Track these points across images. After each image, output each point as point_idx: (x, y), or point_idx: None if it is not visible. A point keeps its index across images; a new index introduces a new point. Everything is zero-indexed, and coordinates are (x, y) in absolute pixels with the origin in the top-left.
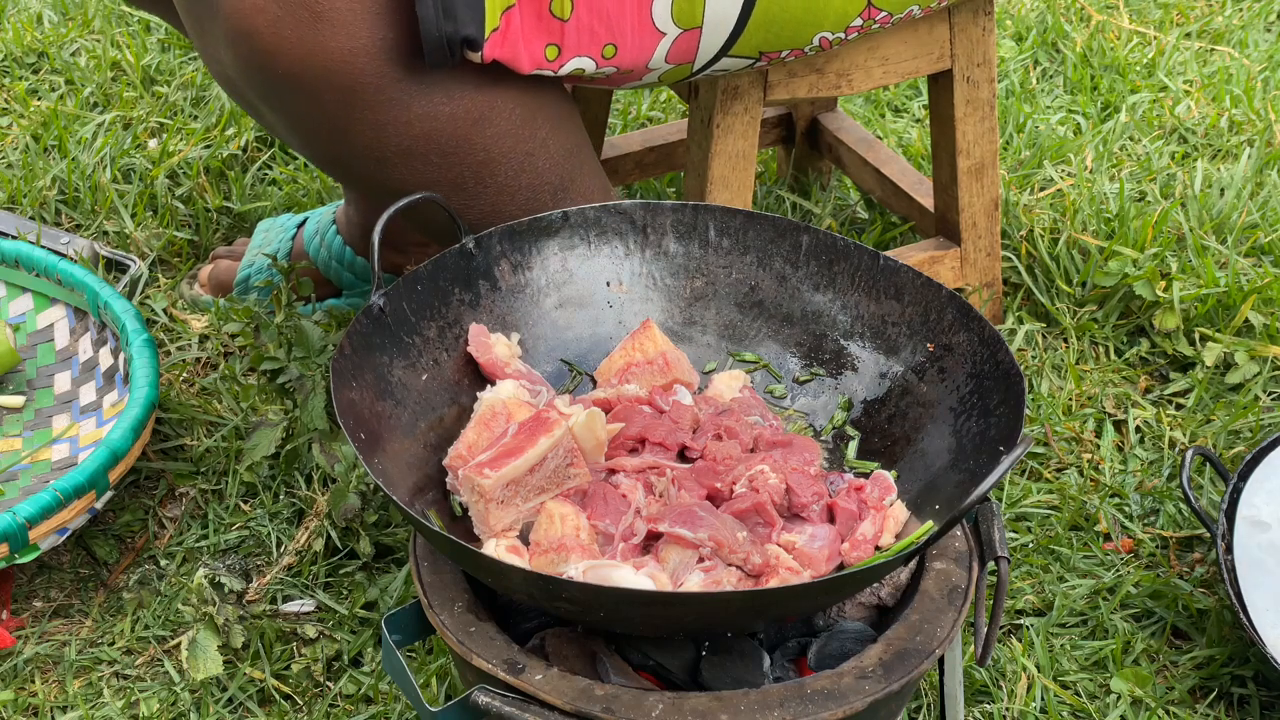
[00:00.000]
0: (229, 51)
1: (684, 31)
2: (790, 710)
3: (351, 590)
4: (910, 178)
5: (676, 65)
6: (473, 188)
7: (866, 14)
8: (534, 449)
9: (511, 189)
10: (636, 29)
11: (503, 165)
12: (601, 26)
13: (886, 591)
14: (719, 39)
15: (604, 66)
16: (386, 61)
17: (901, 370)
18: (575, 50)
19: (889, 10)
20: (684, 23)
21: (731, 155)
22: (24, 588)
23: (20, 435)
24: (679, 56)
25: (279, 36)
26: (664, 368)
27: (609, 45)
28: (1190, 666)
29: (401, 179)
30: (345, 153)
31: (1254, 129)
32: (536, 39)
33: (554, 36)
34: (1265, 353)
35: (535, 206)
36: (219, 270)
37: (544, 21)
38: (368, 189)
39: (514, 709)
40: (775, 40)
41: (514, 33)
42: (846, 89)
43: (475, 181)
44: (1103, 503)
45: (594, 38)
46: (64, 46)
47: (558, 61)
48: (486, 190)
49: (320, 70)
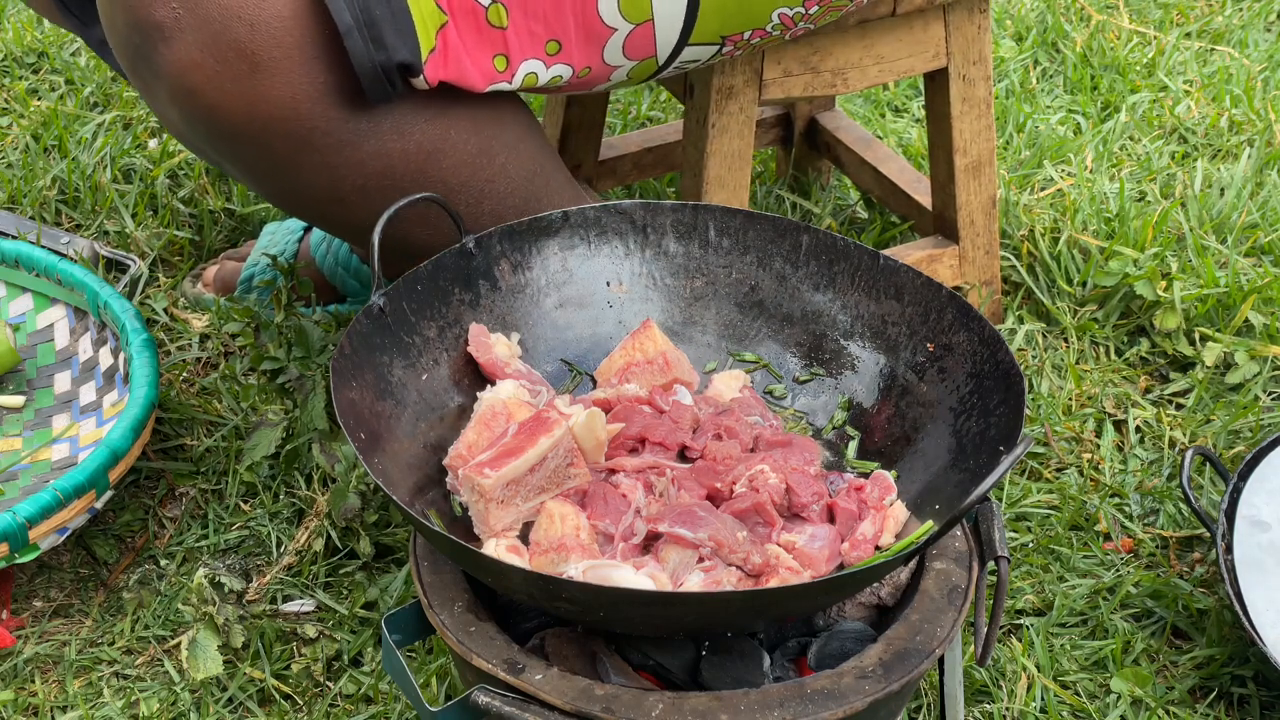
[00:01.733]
0: (174, 109)
1: (636, 26)
2: (790, 710)
3: (351, 590)
4: (909, 177)
5: (641, 60)
6: (434, 220)
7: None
8: (534, 449)
9: (474, 216)
10: (580, 24)
11: (463, 195)
12: (540, 25)
13: (886, 591)
14: (674, 28)
15: (554, 65)
16: (330, 104)
17: (901, 370)
18: (521, 54)
19: None
20: (633, 17)
21: (727, 155)
22: (24, 587)
23: (20, 435)
24: (638, 51)
25: (220, 91)
26: (664, 368)
27: (551, 42)
28: (1190, 666)
29: (363, 217)
30: (302, 196)
31: (1254, 129)
32: (481, 52)
33: (497, 46)
34: (1265, 353)
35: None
36: (224, 270)
37: (484, 33)
38: (333, 229)
39: (514, 709)
40: (733, 22)
41: (455, 50)
42: (842, 88)
43: (437, 215)
44: (1103, 503)
45: (534, 38)
46: (64, 46)
47: (508, 71)
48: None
49: (265, 120)
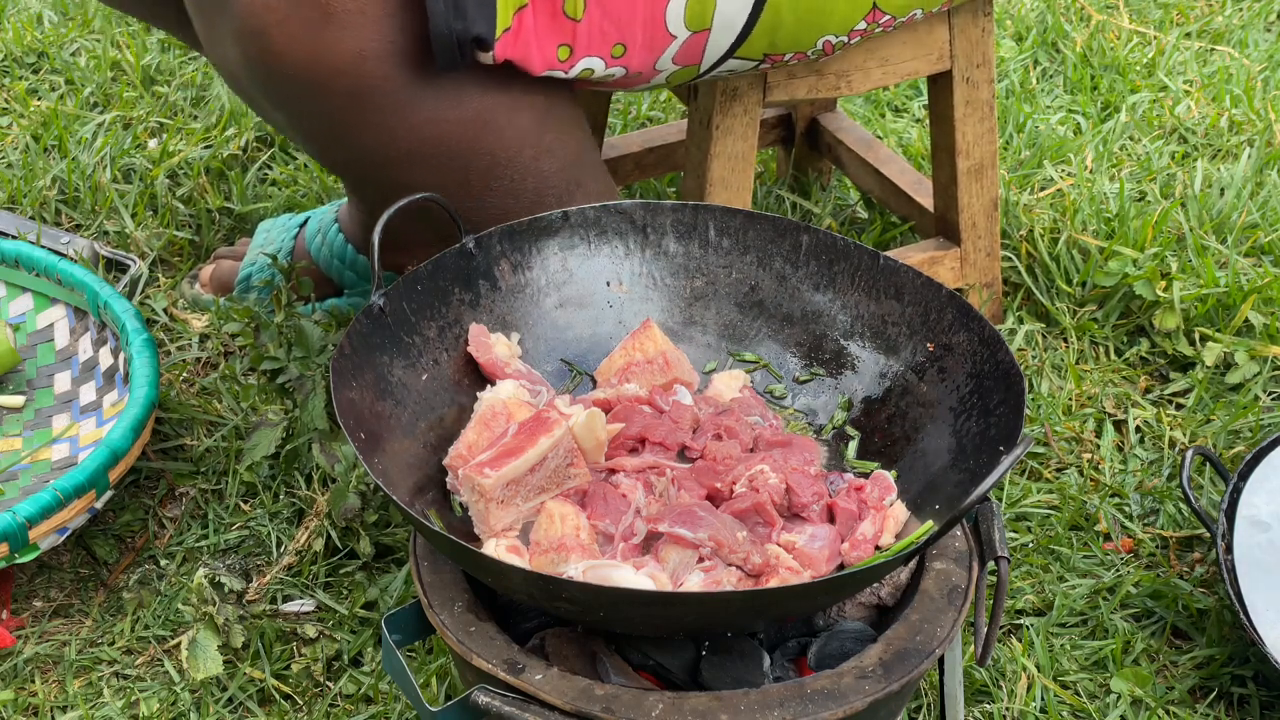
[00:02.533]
0: (236, 49)
1: (693, 34)
2: (790, 710)
3: (351, 590)
4: (910, 178)
5: (683, 67)
6: (478, 191)
7: (871, 17)
8: (534, 449)
9: (517, 192)
10: (647, 31)
11: (509, 170)
12: (612, 27)
13: (886, 591)
14: (726, 41)
15: (612, 67)
16: (395, 64)
17: (901, 370)
18: (586, 50)
19: (892, 14)
20: (694, 25)
21: (731, 156)
22: (24, 587)
23: (20, 435)
24: (686, 59)
25: (288, 36)
26: (664, 367)
27: (618, 45)
28: (1190, 666)
29: (408, 181)
30: (351, 154)
31: (1254, 129)
32: (549, 39)
33: (566, 37)
34: (1265, 353)
35: (540, 210)
36: (221, 270)
37: (557, 21)
38: (372, 190)
39: (514, 709)
40: (780, 43)
41: (526, 32)
42: (846, 90)
43: (481, 185)
44: (1103, 503)
45: (604, 38)
46: (64, 46)
47: (568, 62)
48: (492, 194)
49: (328, 72)
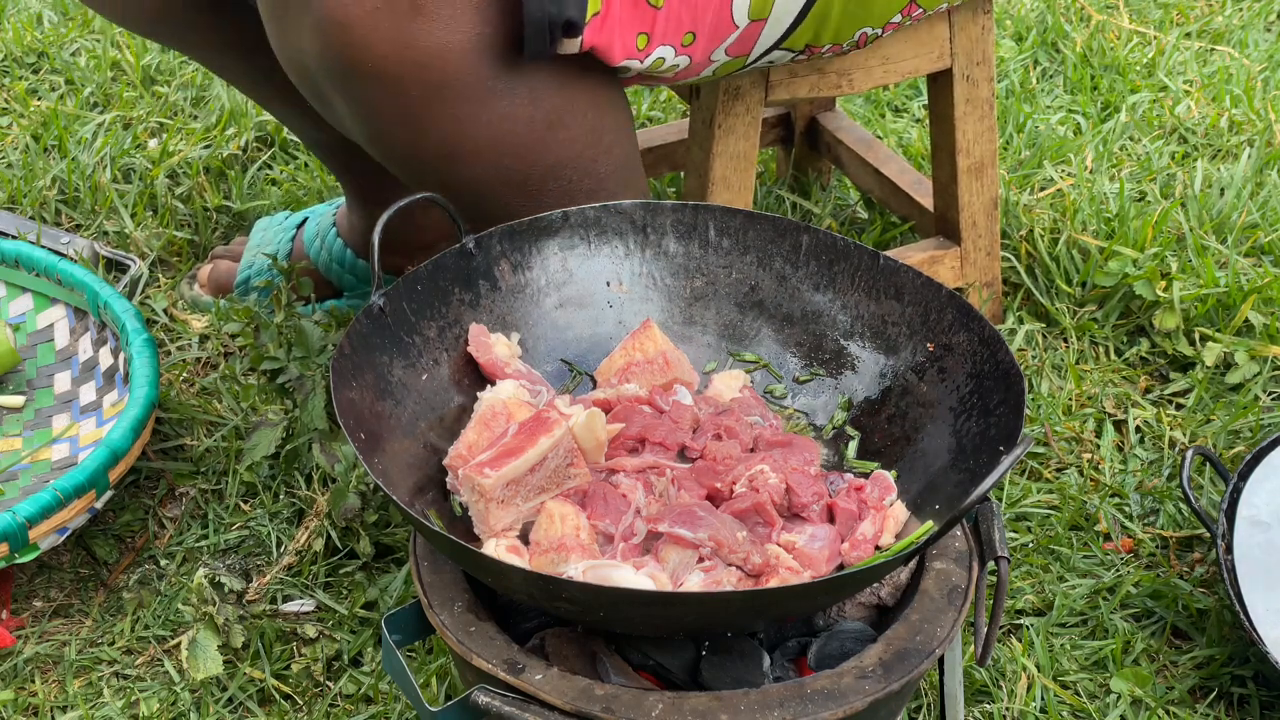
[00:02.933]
0: (315, 39)
1: (751, 23)
2: (790, 710)
3: (351, 590)
4: (909, 177)
5: (733, 58)
6: (535, 190)
7: (907, 10)
8: (534, 449)
9: (572, 193)
10: (716, 20)
11: (569, 170)
12: (688, 14)
13: (886, 591)
14: (778, 32)
15: (680, 55)
16: (478, 58)
17: (901, 370)
18: (662, 39)
19: (925, 7)
20: (755, 15)
21: (733, 155)
22: (24, 587)
23: (20, 435)
24: (739, 49)
25: (374, 28)
26: (664, 367)
27: (689, 33)
28: (1190, 666)
29: (470, 177)
30: (417, 148)
31: (1254, 129)
32: (630, 26)
33: (646, 24)
34: (1265, 353)
35: None
36: (218, 270)
37: (640, 8)
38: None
39: (514, 709)
40: (824, 34)
41: (613, 18)
42: (847, 89)
43: (539, 183)
44: (1103, 503)
45: (679, 25)
46: (64, 46)
47: (645, 51)
48: (549, 194)
49: (411, 64)
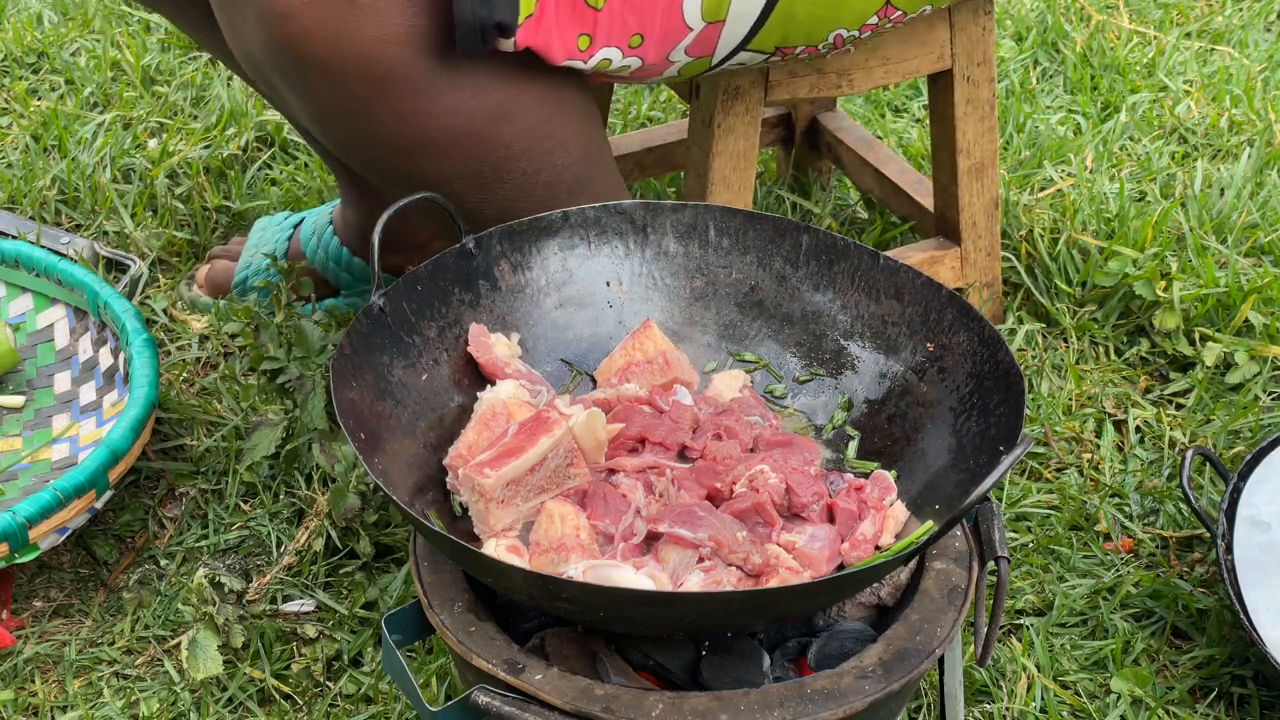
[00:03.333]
0: (259, 32)
1: (708, 25)
2: (790, 710)
3: (351, 590)
4: (910, 177)
5: (695, 59)
6: (490, 183)
7: (884, 12)
8: (534, 449)
9: (529, 186)
10: (665, 21)
11: (522, 162)
12: (633, 16)
13: (886, 591)
14: (740, 33)
15: (629, 57)
16: (417, 51)
17: (901, 370)
18: (606, 40)
19: (904, 9)
20: (710, 17)
21: (732, 155)
22: (24, 587)
23: (20, 435)
24: (699, 50)
25: (312, 19)
26: (664, 367)
27: (636, 35)
28: (1190, 666)
29: (421, 170)
30: (366, 141)
31: (1254, 129)
32: (570, 27)
33: (587, 26)
34: (1265, 353)
35: (550, 204)
36: (216, 271)
37: (578, 10)
38: (384, 179)
39: (514, 709)
40: (793, 35)
41: (548, 20)
42: (847, 89)
43: (493, 176)
44: (1103, 503)
45: (624, 28)
46: (64, 46)
47: (588, 52)
48: (504, 186)
49: (350, 56)
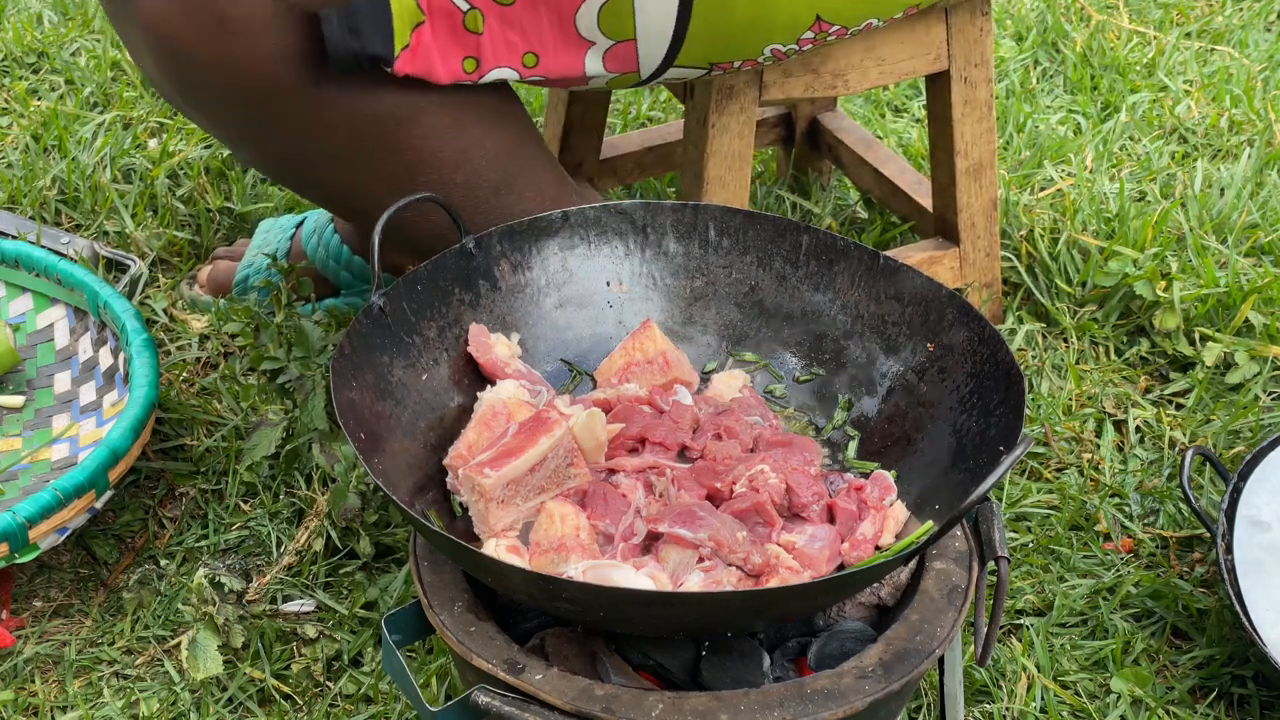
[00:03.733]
0: (149, 57)
1: (617, 42)
2: (790, 710)
3: (351, 590)
4: (909, 178)
5: (619, 74)
6: (405, 186)
7: (817, 27)
8: (534, 449)
9: (447, 186)
10: (558, 38)
11: (434, 164)
12: (519, 38)
13: (886, 591)
14: (659, 51)
15: (530, 75)
16: (298, 67)
17: (901, 370)
18: (494, 62)
19: (842, 23)
20: (614, 34)
21: (727, 155)
22: (24, 587)
23: (20, 435)
24: (620, 65)
25: (189, 43)
26: (664, 367)
27: (529, 54)
28: (1190, 666)
29: (331, 179)
30: (271, 156)
31: (1254, 129)
32: (452, 52)
33: (470, 49)
34: (1265, 353)
35: (474, 203)
36: (218, 271)
37: (459, 36)
38: (305, 190)
39: (514, 709)
40: (723, 51)
41: (426, 48)
42: (842, 89)
43: (407, 180)
44: (1103, 503)
45: (511, 49)
46: (64, 46)
47: (476, 73)
48: (420, 188)
49: (233, 77)
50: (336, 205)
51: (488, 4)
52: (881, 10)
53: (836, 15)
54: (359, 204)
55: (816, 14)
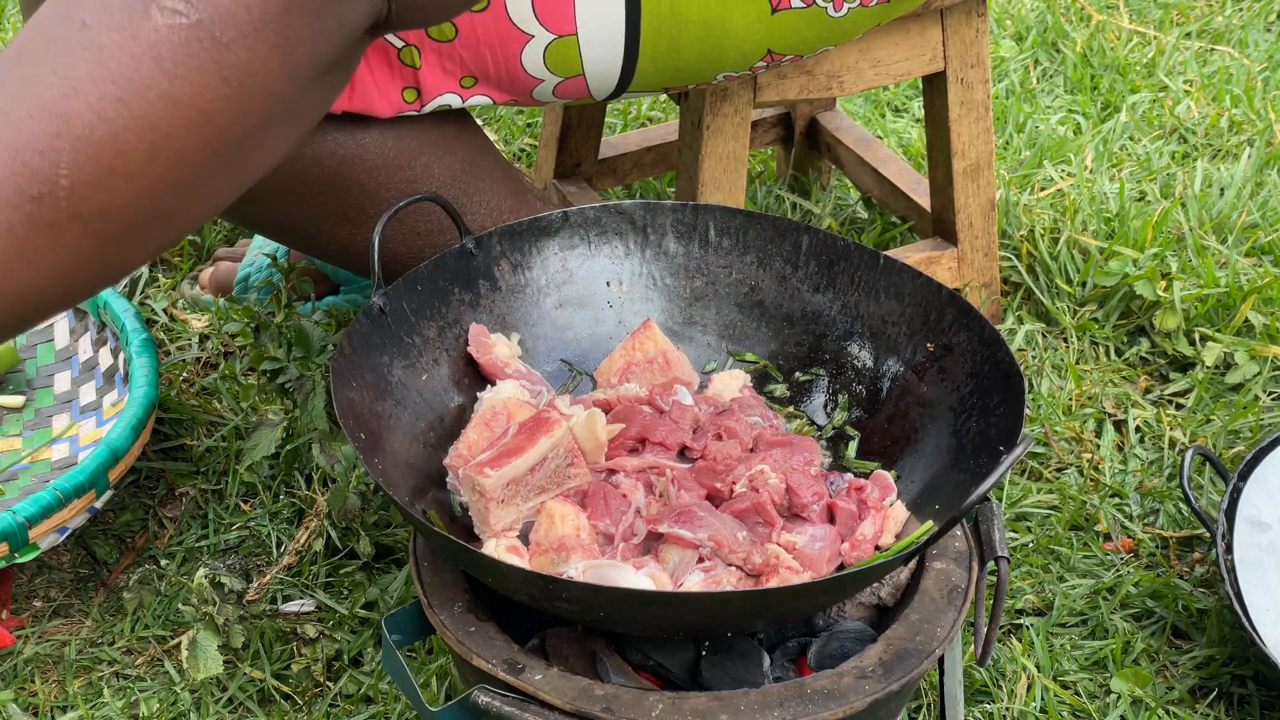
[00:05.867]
0: None
1: (566, 79)
2: (790, 710)
3: (351, 590)
4: (909, 178)
5: (574, 99)
6: (355, 218)
7: (769, 58)
8: (534, 449)
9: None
10: (500, 70)
11: (383, 194)
12: (455, 66)
13: (886, 591)
14: (608, 83)
15: (471, 96)
16: None
17: (901, 370)
18: (435, 90)
19: (795, 54)
20: (561, 71)
21: (723, 156)
22: (24, 587)
23: (20, 435)
24: (572, 93)
25: None
26: (664, 367)
27: (466, 77)
28: (1190, 666)
29: (283, 216)
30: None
31: (1254, 129)
32: (391, 85)
33: (409, 81)
34: (1265, 353)
35: (429, 228)
36: (220, 271)
37: (395, 69)
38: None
39: (514, 709)
40: (675, 79)
41: (364, 84)
42: (838, 91)
43: (356, 212)
44: (1103, 503)
45: (448, 75)
46: None
47: (418, 103)
48: (369, 220)
49: None
50: (287, 239)
51: (423, 40)
52: (836, 38)
53: (789, 48)
54: (305, 238)
55: (768, 49)
